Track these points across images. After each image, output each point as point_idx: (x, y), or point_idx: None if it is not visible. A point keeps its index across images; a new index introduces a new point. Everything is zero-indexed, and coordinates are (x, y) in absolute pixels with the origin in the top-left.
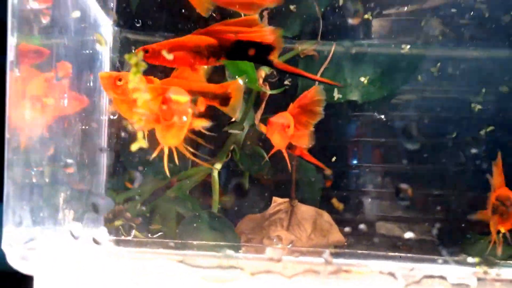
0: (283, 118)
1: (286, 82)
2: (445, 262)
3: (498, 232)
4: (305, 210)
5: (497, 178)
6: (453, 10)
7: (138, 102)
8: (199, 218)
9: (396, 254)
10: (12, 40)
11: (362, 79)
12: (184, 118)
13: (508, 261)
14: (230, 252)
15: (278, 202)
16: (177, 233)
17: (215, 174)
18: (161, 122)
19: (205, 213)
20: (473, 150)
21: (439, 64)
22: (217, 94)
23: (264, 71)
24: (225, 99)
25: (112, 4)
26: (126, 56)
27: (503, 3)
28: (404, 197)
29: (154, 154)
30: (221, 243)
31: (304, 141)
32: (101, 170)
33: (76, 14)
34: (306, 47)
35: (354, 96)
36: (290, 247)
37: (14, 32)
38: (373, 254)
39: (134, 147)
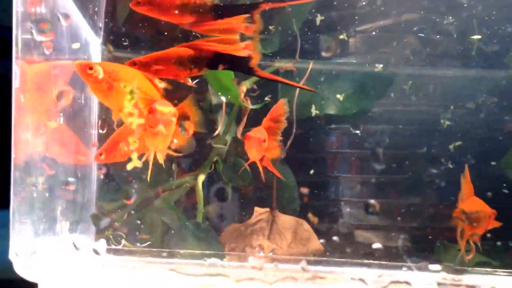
0: (259, 132)
1: (266, 98)
2: (409, 268)
3: (468, 239)
4: (286, 220)
5: (465, 188)
6: (424, 32)
7: (133, 125)
8: (185, 228)
9: (366, 261)
10: (16, 69)
11: (338, 95)
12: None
13: (470, 268)
14: (215, 260)
15: (259, 212)
16: (164, 242)
17: (200, 185)
18: (148, 129)
19: (190, 223)
20: (443, 163)
21: (410, 82)
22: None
23: (245, 86)
24: (184, 117)
25: (100, 24)
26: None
27: (469, 25)
28: (372, 211)
29: (143, 159)
30: (206, 251)
31: (276, 152)
32: (92, 183)
33: (76, 45)
34: (285, 64)
35: (332, 110)
36: (271, 255)
37: (18, 61)
38: (347, 262)
39: (129, 166)
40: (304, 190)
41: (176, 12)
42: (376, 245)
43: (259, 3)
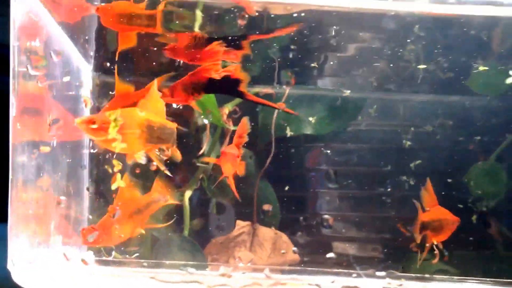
0: (233, 149)
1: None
2: (359, 276)
3: (432, 245)
4: (266, 232)
5: (427, 200)
6: (387, 59)
7: (116, 149)
8: (171, 241)
9: (321, 269)
10: (13, 99)
11: (310, 118)
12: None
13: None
14: (192, 269)
15: (241, 225)
16: (152, 254)
17: (186, 200)
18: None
19: (176, 237)
20: (405, 180)
21: (375, 106)
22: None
23: (227, 108)
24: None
25: (91, 52)
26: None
27: (428, 54)
28: (326, 225)
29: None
30: (190, 262)
31: (242, 167)
32: (83, 199)
33: (67, 79)
34: (264, 90)
35: (308, 130)
36: (249, 265)
37: (15, 92)
38: (305, 270)
39: (113, 186)
40: (266, 207)
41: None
42: (330, 255)
43: (248, 34)
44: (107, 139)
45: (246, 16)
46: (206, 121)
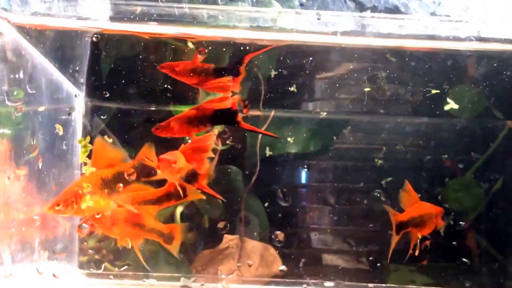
0: (170, 155)
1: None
2: (308, 285)
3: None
4: (254, 245)
5: (407, 199)
6: (361, 83)
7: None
8: (159, 255)
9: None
10: None
11: (289, 139)
12: None
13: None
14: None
15: (229, 239)
16: (140, 267)
17: (178, 215)
18: None
19: (164, 251)
20: (376, 195)
21: (349, 127)
22: (163, 233)
23: (217, 129)
24: (169, 238)
25: (82, 79)
26: (78, 140)
27: (399, 77)
28: (278, 240)
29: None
30: (175, 274)
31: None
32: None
33: (41, 109)
34: (252, 112)
35: (292, 149)
36: (231, 276)
37: None
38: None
39: (83, 206)
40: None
41: (189, 74)
42: (282, 267)
43: (242, 58)
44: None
45: None
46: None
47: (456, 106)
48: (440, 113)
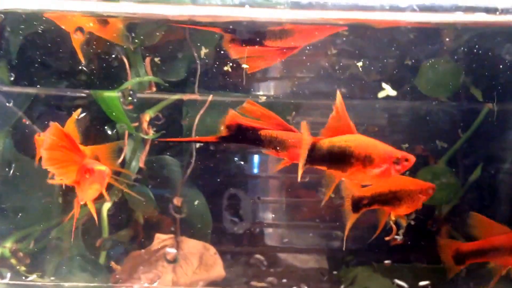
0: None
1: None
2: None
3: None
4: (193, 245)
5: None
6: (308, 66)
7: None
8: (71, 260)
9: None
10: None
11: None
12: None
13: None
14: None
15: (162, 239)
16: (55, 274)
17: (104, 213)
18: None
19: (79, 256)
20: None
21: (294, 112)
22: None
23: (148, 115)
24: None
25: None
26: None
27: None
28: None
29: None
30: (91, 284)
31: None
32: None
33: None
34: (187, 96)
35: None
36: (156, 284)
37: None
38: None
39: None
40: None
41: None
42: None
43: None
44: None
45: None
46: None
47: (393, 93)
48: (406, 94)
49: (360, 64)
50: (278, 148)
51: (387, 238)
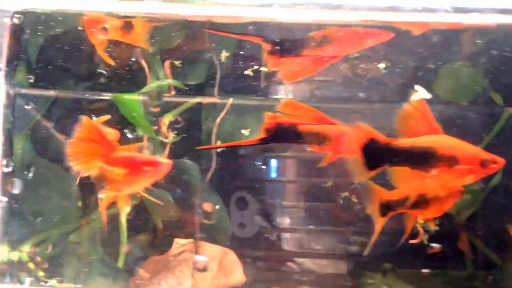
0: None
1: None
2: None
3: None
4: (212, 249)
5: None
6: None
7: None
8: (91, 265)
9: None
10: None
11: (243, 131)
12: None
13: None
14: None
15: (181, 244)
16: (74, 278)
17: (123, 217)
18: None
19: (98, 261)
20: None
21: None
22: None
23: (168, 118)
24: None
25: (0, 64)
26: None
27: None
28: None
29: None
30: None
31: None
32: None
33: None
34: (206, 99)
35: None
36: None
37: None
38: None
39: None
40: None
41: None
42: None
43: None
44: None
45: None
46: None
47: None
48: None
49: (383, 66)
50: (321, 143)
51: (412, 241)
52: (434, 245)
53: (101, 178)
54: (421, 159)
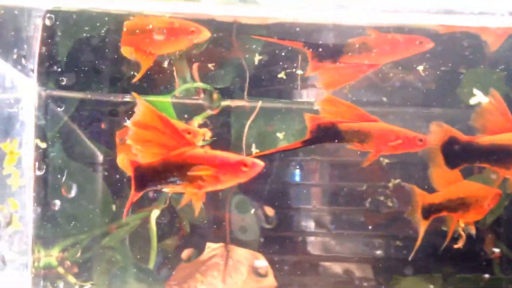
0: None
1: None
2: None
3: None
4: (242, 254)
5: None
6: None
7: None
8: (126, 270)
9: None
10: None
11: (278, 134)
12: None
13: None
14: None
15: (212, 248)
16: (107, 284)
17: (153, 220)
18: None
19: (132, 266)
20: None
21: None
22: None
23: (197, 121)
24: None
25: (32, 66)
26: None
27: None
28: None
29: None
30: None
31: None
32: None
33: None
34: (235, 102)
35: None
36: None
37: None
38: None
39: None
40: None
41: None
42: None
43: None
44: None
45: None
46: None
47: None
48: (453, 102)
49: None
50: (362, 141)
51: (456, 246)
52: (495, 249)
53: (178, 174)
54: (502, 156)
